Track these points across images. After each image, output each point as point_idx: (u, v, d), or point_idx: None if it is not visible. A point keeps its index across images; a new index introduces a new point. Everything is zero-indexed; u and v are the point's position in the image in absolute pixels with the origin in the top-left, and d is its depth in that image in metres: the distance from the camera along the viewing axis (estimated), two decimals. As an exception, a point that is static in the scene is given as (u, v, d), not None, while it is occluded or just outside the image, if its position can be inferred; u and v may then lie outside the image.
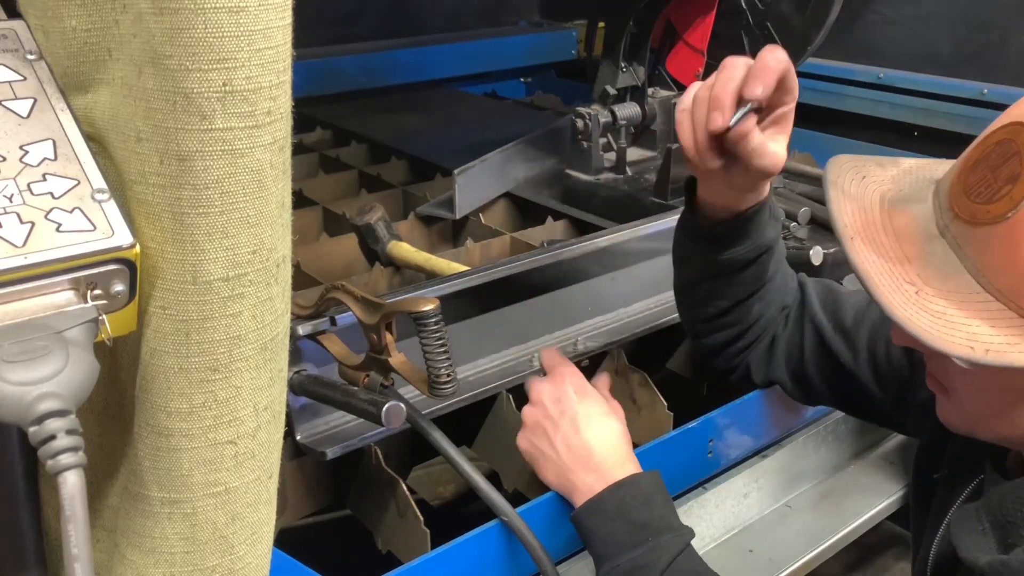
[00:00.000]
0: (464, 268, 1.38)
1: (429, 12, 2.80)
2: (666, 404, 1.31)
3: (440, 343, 0.98)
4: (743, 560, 1.29)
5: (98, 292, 0.60)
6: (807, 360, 1.17)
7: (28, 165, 0.60)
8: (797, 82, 0.94)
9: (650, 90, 1.94)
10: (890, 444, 1.56)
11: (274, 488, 0.75)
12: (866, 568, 2.15)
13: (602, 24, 2.25)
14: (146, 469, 0.68)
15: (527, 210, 1.82)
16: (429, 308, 0.97)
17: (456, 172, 1.66)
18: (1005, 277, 0.70)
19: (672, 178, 1.67)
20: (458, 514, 1.80)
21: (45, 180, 0.60)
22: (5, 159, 0.60)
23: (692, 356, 1.55)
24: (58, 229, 0.58)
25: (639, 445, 1.13)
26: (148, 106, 0.60)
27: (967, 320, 0.71)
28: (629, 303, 1.47)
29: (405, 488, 1.12)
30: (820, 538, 1.35)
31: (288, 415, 0.85)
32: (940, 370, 0.83)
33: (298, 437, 1.13)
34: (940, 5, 2.22)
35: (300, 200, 1.75)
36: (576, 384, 1.12)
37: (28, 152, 0.60)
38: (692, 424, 1.25)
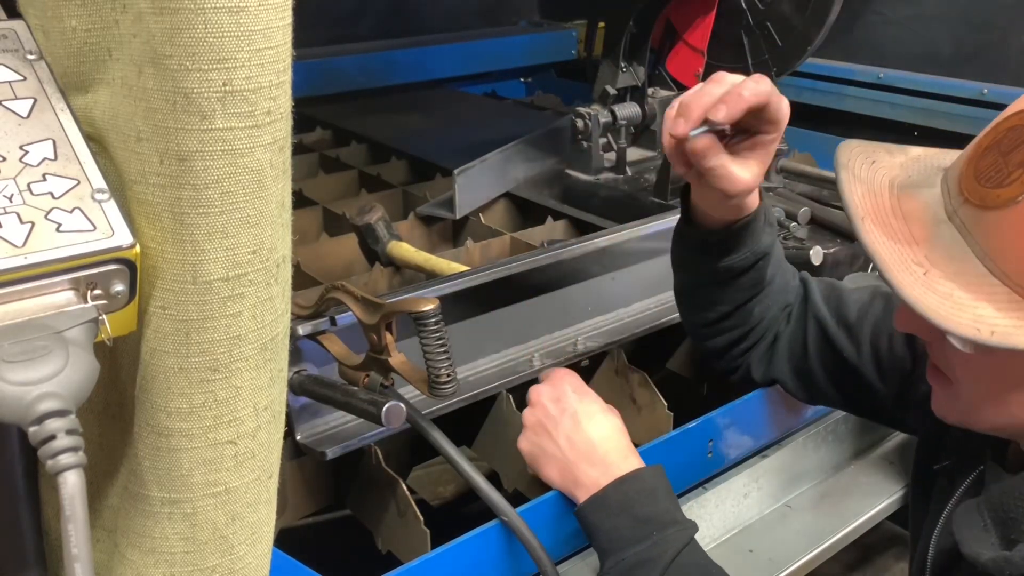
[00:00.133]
0: (464, 268, 1.38)
1: (429, 12, 2.80)
2: (666, 404, 1.31)
3: (440, 343, 0.98)
4: (743, 560, 1.29)
5: (98, 292, 0.60)
6: (810, 356, 1.17)
7: (28, 165, 0.60)
8: (785, 114, 0.94)
9: (650, 90, 1.94)
10: (890, 444, 1.56)
11: (274, 488, 0.75)
12: (866, 568, 2.15)
13: (602, 24, 2.26)
14: (146, 469, 0.68)
15: (527, 210, 1.82)
16: (429, 308, 0.97)
17: (456, 172, 1.66)
18: (1013, 261, 0.71)
19: (672, 178, 1.67)
20: (458, 514, 1.80)
21: (45, 180, 0.60)
22: (5, 159, 0.60)
23: (692, 356, 1.55)
24: (58, 229, 0.58)
25: (639, 445, 1.13)
26: (148, 106, 0.60)
27: (974, 302, 0.71)
28: (629, 303, 1.47)
29: (405, 488, 1.12)
30: (820, 538, 1.35)
31: (288, 415, 0.85)
32: (941, 357, 0.84)
33: (298, 437, 1.13)
34: (940, 5, 2.21)
35: (300, 200, 1.75)
36: (574, 384, 1.12)
37: (28, 152, 0.60)
38: (692, 424, 1.25)
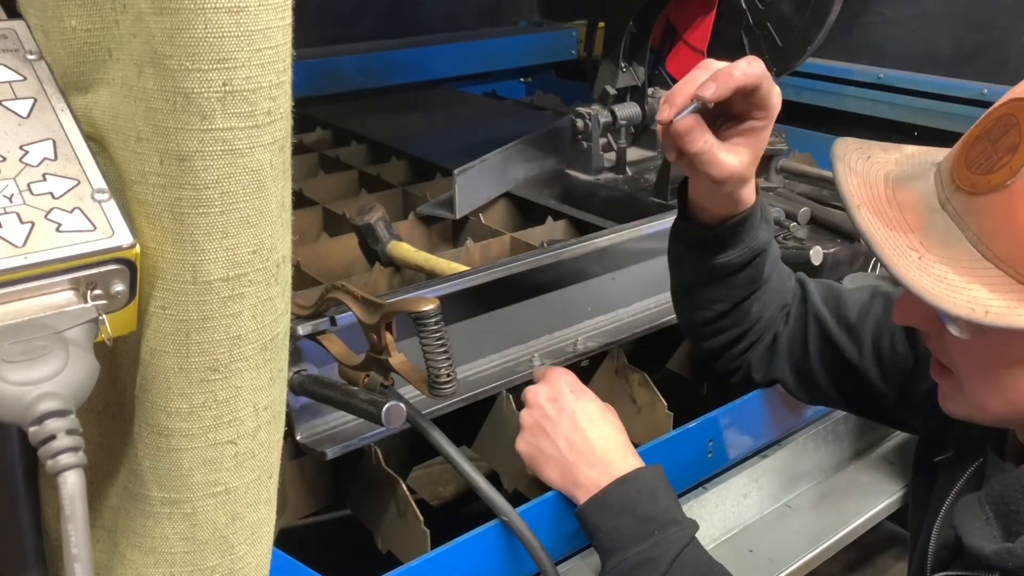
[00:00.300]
0: (464, 268, 1.38)
1: (429, 12, 2.80)
2: (666, 404, 1.31)
3: (440, 343, 0.98)
4: (743, 560, 1.29)
5: (98, 292, 0.60)
6: (811, 356, 1.17)
7: (28, 165, 0.60)
8: (776, 100, 0.95)
9: (650, 90, 1.94)
10: (890, 444, 1.56)
11: (274, 488, 0.75)
12: (866, 568, 2.15)
13: (602, 24, 2.25)
14: (146, 469, 0.68)
15: (527, 210, 1.83)
16: (429, 308, 0.97)
17: (456, 172, 1.66)
18: (1004, 244, 0.73)
19: (672, 178, 1.68)
20: (458, 514, 1.80)
21: (45, 180, 0.60)
22: (5, 159, 0.60)
23: (692, 356, 1.55)
24: (58, 229, 0.58)
25: (639, 445, 1.13)
26: (148, 106, 0.60)
27: (968, 285, 0.73)
28: (629, 303, 1.47)
29: (405, 488, 1.12)
30: (820, 538, 1.34)
31: (288, 415, 0.85)
32: (941, 349, 0.85)
33: (298, 437, 1.13)
34: (940, 5, 2.21)
35: (300, 200, 1.75)
36: (570, 384, 1.12)
37: (28, 152, 0.60)
38: (692, 424, 1.25)
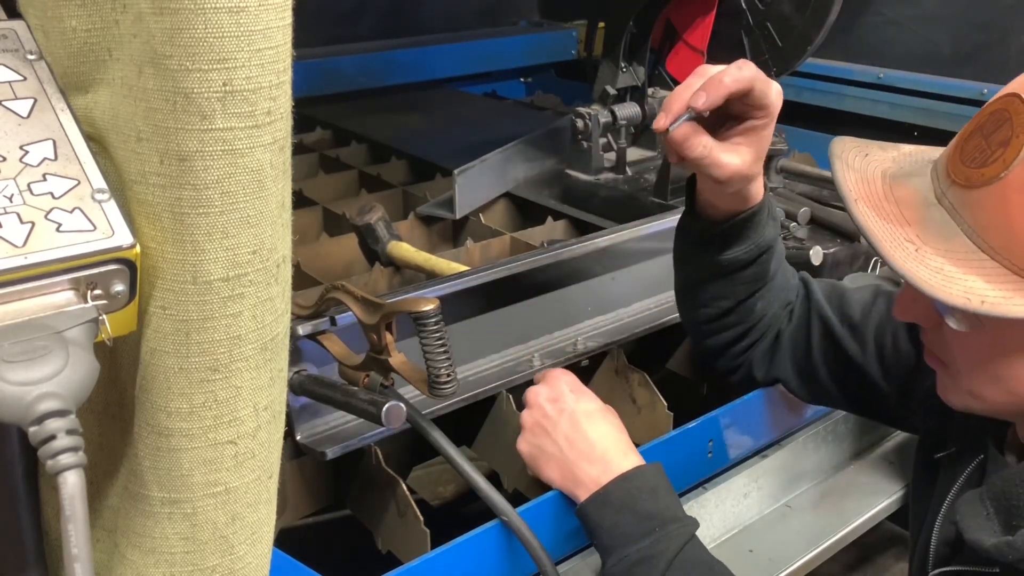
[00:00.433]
0: (464, 268, 1.38)
1: (429, 12, 2.80)
2: (666, 404, 1.31)
3: (440, 343, 0.98)
4: (743, 560, 1.29)
5: (98, 292, 0.60)
6: (814, 354, 1.17)
7: (28, 165, 0.60)
8: (774, 99, 0.96)
9: (650, 90, 1.94)
10: (890, 444, 1.56)
11: (274, 488, 0.75)
12: (866, 568, 2.15)
13: (602, 24, 2.25)
14: (146, 469, 0.68)
15: (527, 210, 1.82)
16: (429, 308, 0.97)
17: (456, 172, 1.66)
18: (999, 235, 0.74)
19: (672, 178, 1.67)
20: (458, 514, 1.80)
21: (45, 180, 0.60)
22: (5, 159, 0.60)
23: (692, 356, 1.55)
24: (58, 229, 0.58)
25: (639, 445, 1.13)
26: (148, 106, 0.60)
27: (964, 276, 0.74)
28: (629, 303, 1.47)
29: (405, 488, 1.12)
30: (820, 538, 1.34)
31: (288, 415, 0.85)
32: (938, 341, 0.86)
33: (298, 437, 1.13)
34: (940, 5, 2.21)
35: (300, 200, 1.75)
36: (571, 384, 1.12)
37: (28, 152, 0.60)
38: (692, 424, 1.25)
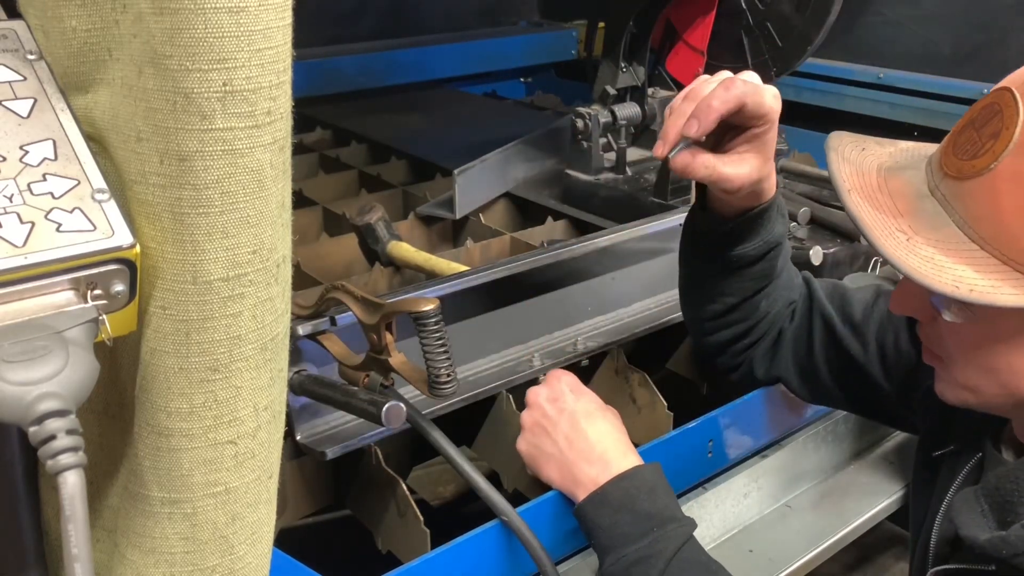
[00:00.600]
0: (464, 268, 1.38)
1: (429, 12, 2.80)
2: (666, 404, 1.31)
3: (440, 343, 0.98)
4: (743, 560, 1.29)
5: (98, 292, 0.60)
6: (815, 354, 1.17)
7: (28, 165, 0.60)
8: (770, 106, 0.97)
9: (650, 90, 1.94)
10: (890, 444, 1.56)
11: (274, 488, 0.75)
12: (866, 568, 2.15)
13: (602, 24, 2.25)
14: (146, 469, 0.68)
15: (527, 210, 1.82)
16: (429, 308, 0.97)
17: (456, 172, 1.66)
18: (989, 226, 0.75)
19: (672, 178, 1.67)
20: (458, 514, 1.80)
21: (45, 180, 0.60)
22: (5, 159, 0.60)
23: (692, 356, 1.55)
24: (58, 229, 0.58)
25: (639, 445, 1.13)
26: (148, 106, 0.60)
27: (954, 265, 0.76)
28: (629, 303, 1.47)
29: (405, 488, 1.12)
30: (820, 538, 1.35)
31: (288, 415, 0.85)
32: (933, 335, 0.87)
33: (298, 437, 1.13)
34: (940, 5, 2.21)
35: (300, 200, 1.75)
36: (571, 384, 1.12)
37: (28, 152, 0.60)
38: (692, 424, 1.25)
